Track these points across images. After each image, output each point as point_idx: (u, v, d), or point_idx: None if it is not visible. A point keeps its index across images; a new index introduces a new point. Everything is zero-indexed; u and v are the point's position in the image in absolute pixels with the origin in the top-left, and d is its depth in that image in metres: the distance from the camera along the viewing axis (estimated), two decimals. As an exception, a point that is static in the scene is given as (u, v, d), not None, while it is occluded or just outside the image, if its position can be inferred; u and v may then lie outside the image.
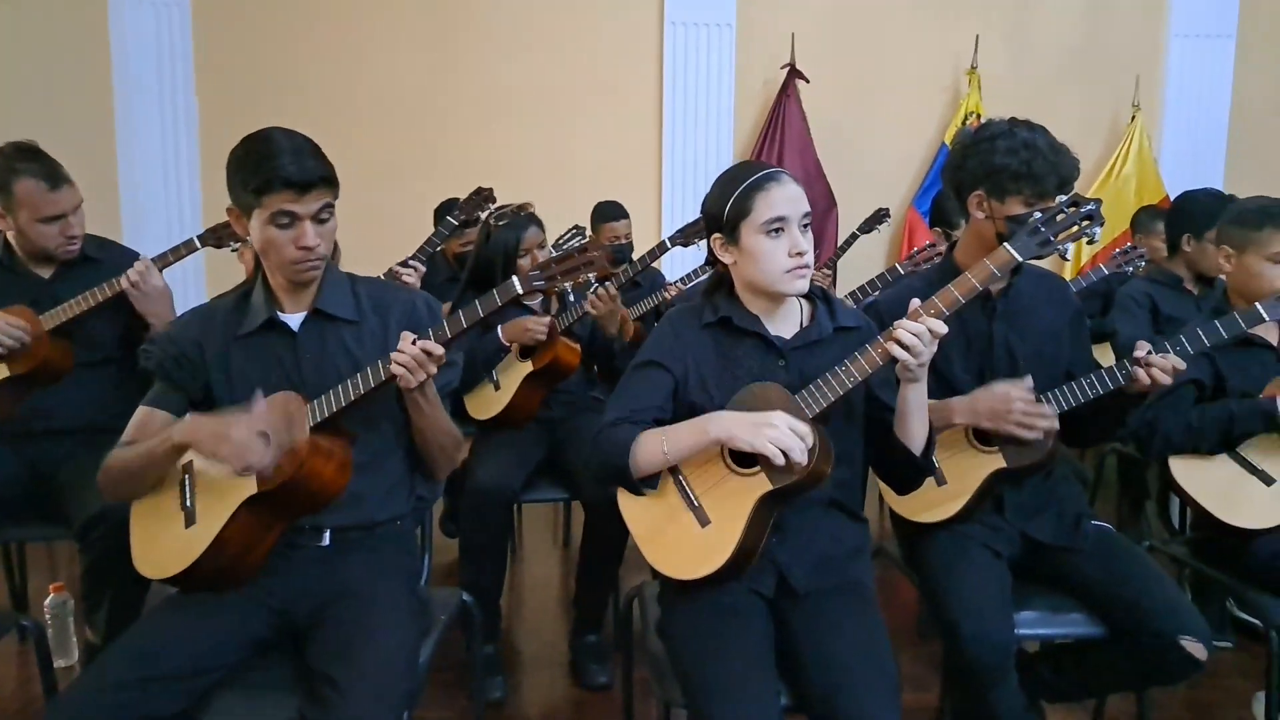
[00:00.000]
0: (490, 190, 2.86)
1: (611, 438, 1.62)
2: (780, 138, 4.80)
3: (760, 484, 1.54)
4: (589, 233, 3.77)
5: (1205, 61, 5.09)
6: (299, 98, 4.60)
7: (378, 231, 3.08)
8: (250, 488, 1.56)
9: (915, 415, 1.59)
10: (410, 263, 2.76)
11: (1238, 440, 2.00)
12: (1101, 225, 1.58)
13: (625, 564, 2.50)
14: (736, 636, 1.54)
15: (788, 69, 4.80)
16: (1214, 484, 2.00)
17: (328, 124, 4.22)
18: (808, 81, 4.81)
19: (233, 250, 2.63)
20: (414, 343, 1.57)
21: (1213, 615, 2.68)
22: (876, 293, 3.14)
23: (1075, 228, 1.58)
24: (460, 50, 4.78)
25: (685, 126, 4.84)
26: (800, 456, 1.46)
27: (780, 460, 1.46)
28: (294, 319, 1.70)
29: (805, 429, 1.48)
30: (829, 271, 3.97)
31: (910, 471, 1.67)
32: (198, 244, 2.42)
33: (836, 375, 1.55)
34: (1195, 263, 3.02)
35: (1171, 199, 4.12)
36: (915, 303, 1.54)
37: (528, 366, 2.55)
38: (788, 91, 4.80)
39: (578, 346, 2.59)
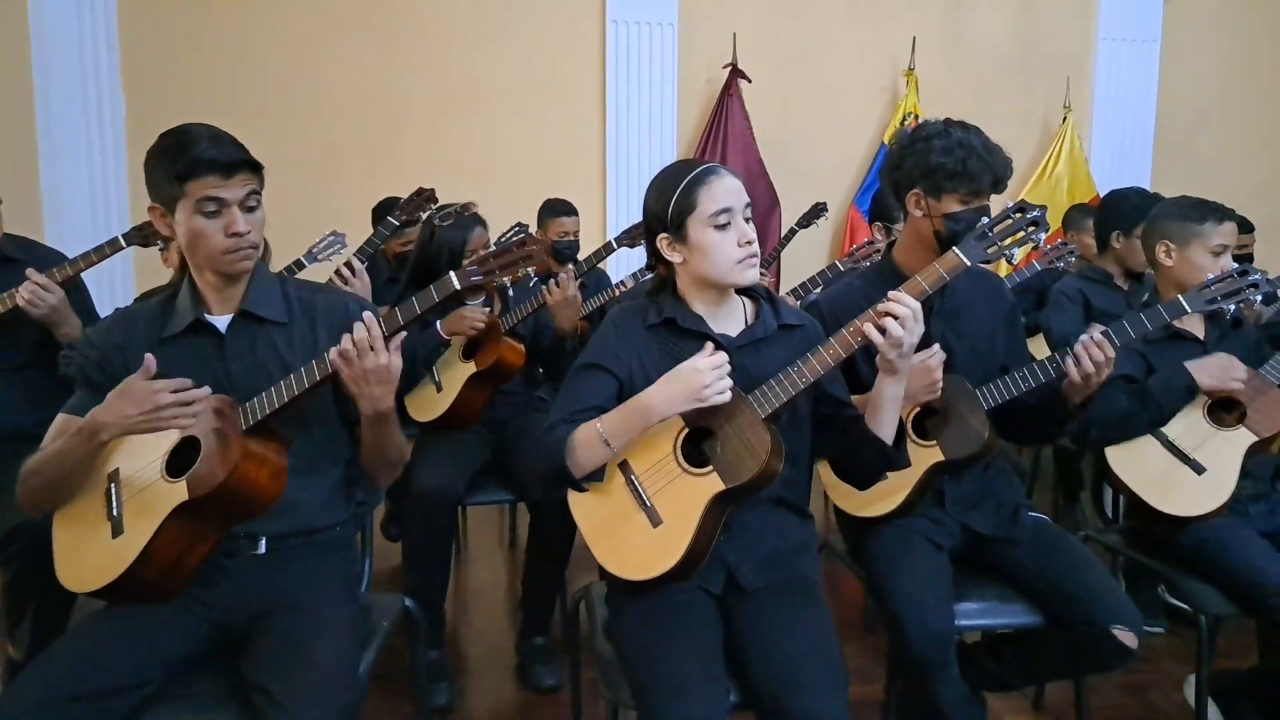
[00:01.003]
0: (432, 190, 2.82)
1: (547, 440, 1.61)
2: (723, 137, 4.83)
3: (713, 483, 1.54)
4: (535, 230, 3.74)
5: (1132, 65, 5.26)
6: (232, 93, 4.47)
7: (314, 231, 3.00)
8: (180, 495, 1.51)
9: (890, 407, 1.61)
10: (350, 262, 2.70)
11: (1168, 416, 2.05)
12: (1046, 231, 1.63)
13: (572, 565, 2.48)
14: (685, 635, 1.54)
15: (730, 69, 4.82)
16: (1148, 473, 2.06)
17: (262, 120, 4.12)
18: (749, 81, 4.84)
19: (160, 249, 2.54)
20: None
21: (1146, 601, 2.77)
22: (817, 289, 3.18)
23: (1021, 233, 1.62)
24: (400, 46, 4.69)
25: (628, 125, 4.83)
26: (728, 380, 1.51)
27: (728, 397, 1.50)
28: (221, 320, 1.64)
29: (718, 356, 1.52)
30: (764, 272, 4.00)
31: (878, 464, 1.68)
32: (123, 243, 2.33)
33: (789, 375, 1.57)
34: (1124, 259, 3.10)
35: (1101, 197, 4.24)
36: (892, 295, 1.55)
37: (471, 367, 2.51)
38: (730, 91, 4.83)
39: (522, 347, 2.57)
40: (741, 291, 1.70)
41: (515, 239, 1.59)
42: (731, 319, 1.68)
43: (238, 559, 1.62)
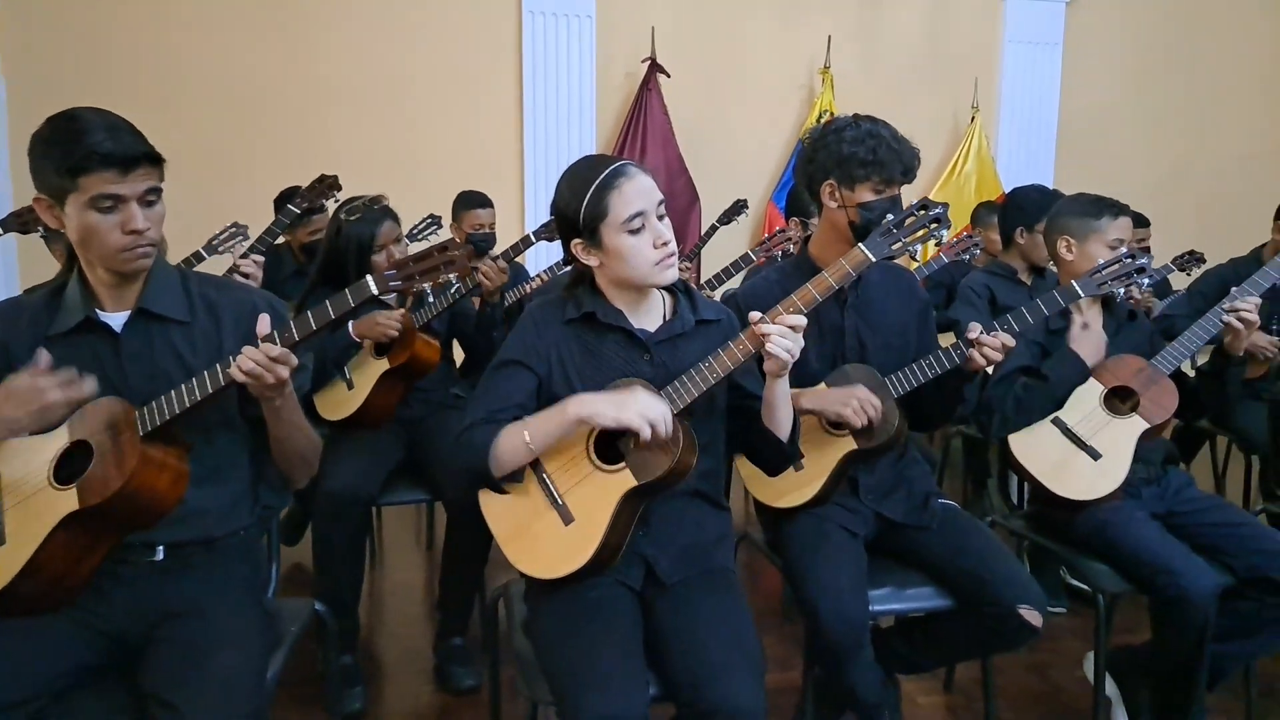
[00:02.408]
0: (334, 178, 2.73)
1: (470, 440, 1.58)
2: (642, 131, 4.83)
3: (625, 480, 1.54)
4: (448, 221, 3.67)
5: (1036, 67, 5.46)
6: (122, 78, 4.26)
7: (213, 223, 2.88)
8: (70, 504, 1.42)
9: (782, 406, 1.63)
10: (249, 255, 2.60)
11: (1064, 398, 2.13)
12: (948, 228, 1.67)
13: (491, 563, 2.44)
14: (603, 630, 1.53)
15: (648, 63, 4.83)
16: (1047, 460, 2.13)
17: (156, 108, 3.93)
18: (668, 76, 4.85)
19: (41, 236, 2.39)
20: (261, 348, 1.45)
21: (1048, 583, 2.88)
22: (731, 278, 3.21)
23: (924, 230, 1.66)
24: (308, 32, 4.55)
25: (547, 118, 4.79)
26: (666, 429, 1.48)
27: (647, 433, 1.47)
28: (116, 318, 1.55)
29: (664, 403, 1.51)
30: (689, 265, 4.02)
31: (779, 456, 1.72)
32: (-1, 229, 2.19)
33: (701, 370, 1.57)
34: (1028, 254, 3.21)
35: (1005, 195, 4.39)
36: (754, 315, 1.56)
37: (384, 364, 2.45)
38: (649, 85, 4.83)
39: (437, 343, 2.51)
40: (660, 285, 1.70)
41: (438, 244, 1.54)
42: (650, 314, 1.68)
43: (133, 566, 1.55)
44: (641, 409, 1.48)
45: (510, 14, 4.75)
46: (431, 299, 2.55)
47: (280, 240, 3.19)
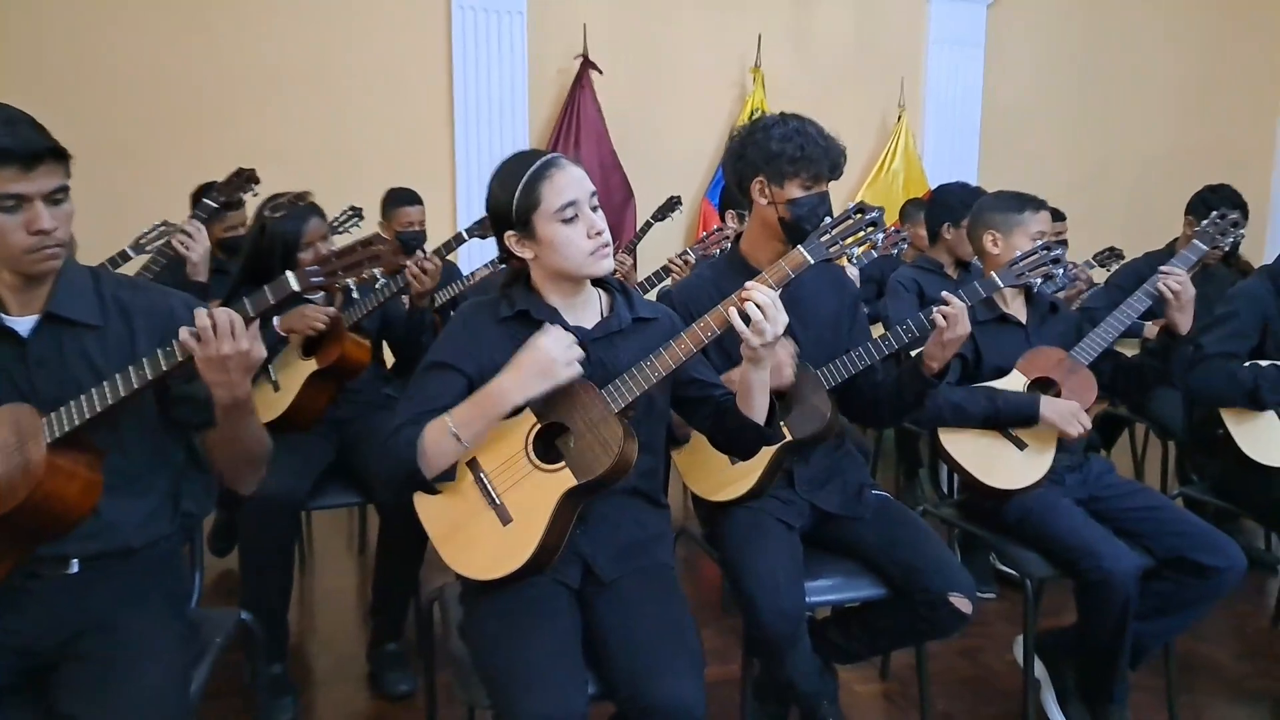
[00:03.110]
0: (252, 171, 2.64)
1: (395, 443, 1.55)
2: (576, 128, 4.81)
3: (565, 479, 1.52)
4: (378, 220, 3.59)
5: (959, 67, 5.60)
6: (24, 70, 4.06)
7: (128, 224, 2.77)
8: (-29, 515, 1.35)
9: (759, 392, 1.61)
10: (189, 223, 2.50)
11: (1002, 426, 2.18)
12: (884, 231, 1.69)
13: (426, 566, 2.40)
14: (541, 629, 1.52)
15: (580, 59, 4.80)
16: (975, 450, 2.19)
17: (64, 101, 3.76)
18: (601, 73, 4.84)
19: None
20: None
21: (978, 569, 2.95)
22: (667, 279, 3.22)
23: (861, 233, 1.68)
24: (227, 22, 4.39)
25: (478, 114, 4.73)
26: (578, 352, 1.51)
27: (580, 371, 1.49)
28: (22, 323, 1.47)
29: (565, 334, 1.52)
30: (628, 258, 4.01)
31: (754, 441, 1.70)
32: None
33: (643, 369, 1.56)
34: (953, 249, 3.28)
35: (931, 192, 4.49)
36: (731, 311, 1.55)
37: (311, 365, 2.37)
38: (582, 82, 4.81)
39: (367, 343, 2.45)
40: (596, 283, 1.68)
41: (363, 239, 1.49)
42: (587, 311, 1.66)
43: (45, 580, 1.47)
44: (562, 361, 1.48)
45: (439, 8, 4.68)
46: (356, 295, 2.45)
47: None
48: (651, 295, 3.13)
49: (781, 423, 1.92)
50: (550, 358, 1.49)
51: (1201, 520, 2.10)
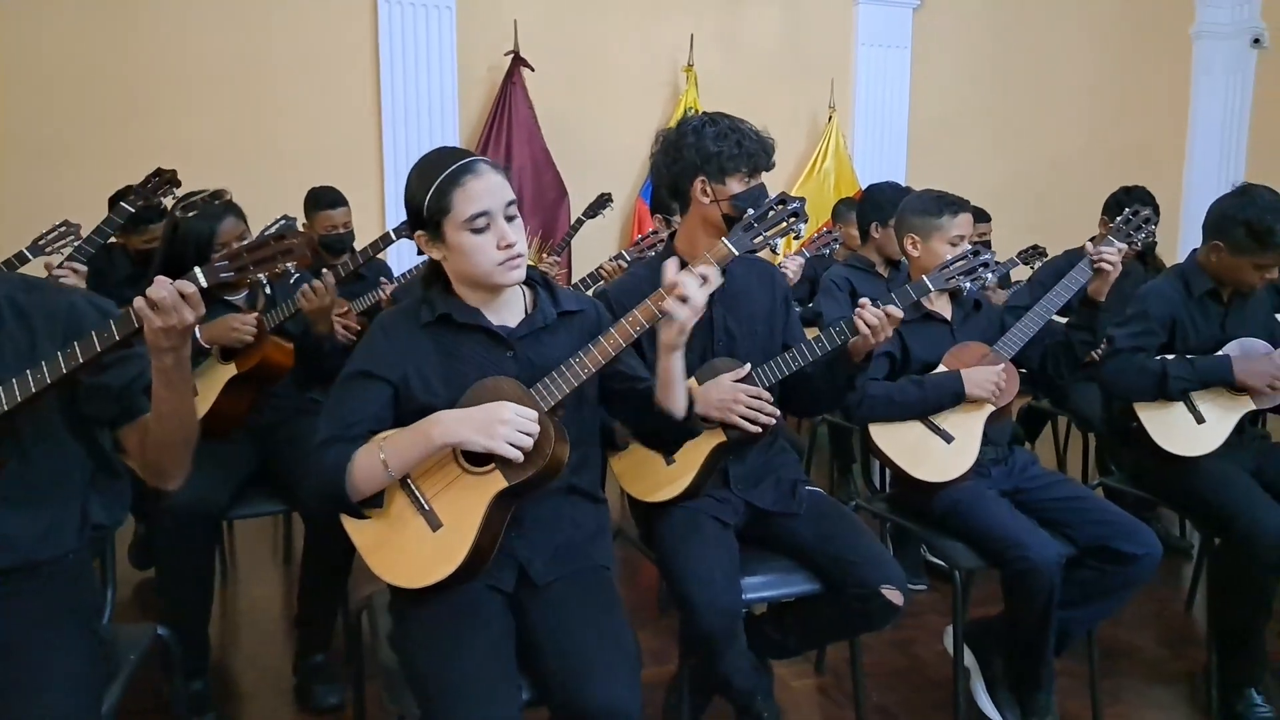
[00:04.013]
0: (173, 172, 2.54)
1: (323, 462, 1.50)
2: (507, 125, 4.75)
3: (495, 481, 1.50)
4: (301, 223, 3.49)
5: (887, 69, 5.70)
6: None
7: (41, 224, 2.64)
8: None
9: (678, 383, 1.61)
10: (68, 264, 2.37)
11: (932, 413, 2.22)
12: (806, 222, 1.71)
13: (354, 574, 2.33)
14: (473, 636, 1.49)
15: (511, 56, 4.75)
16: (904, 444, 2.22)
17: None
18: (532, 70, 4.79)
19: None
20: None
21: (910, 562, 3.00)
22: (603, 281, 3.20)
23: (784, 224, 1.69)
24: (144, 14, 4.22)
25: (406, 111, 4.64)
26: (529, 443, 1.44)
27: (521, 459, 1.44)
28: None
29: (532, 414, 1.46)
30: (558, 260, 3.99)
31: (678, 436, 1.70)
32: None
33: (571, 366, 1.54)
34: (883, 248, 3.34)
35: (862, 192, 4.56)
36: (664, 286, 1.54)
37: (230, 370, 2.29)
38: (513, 79, 4.76)
39: (290, 346, 2.37)
40: None
41: (275, 232, 1.44)
42: (510, 309, 1.63)
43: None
44: (509, 435, 1.43)
45: (365, 2, 4.58)
46: (270, 291, 2.37)
47: (115, 241, 2.96)
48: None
49: (717, 425, 1.93)
50: (502, 420, 1.44)
51: (1120, 509, 2.16)
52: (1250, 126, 6.31)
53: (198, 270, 1.37)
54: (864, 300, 1.92)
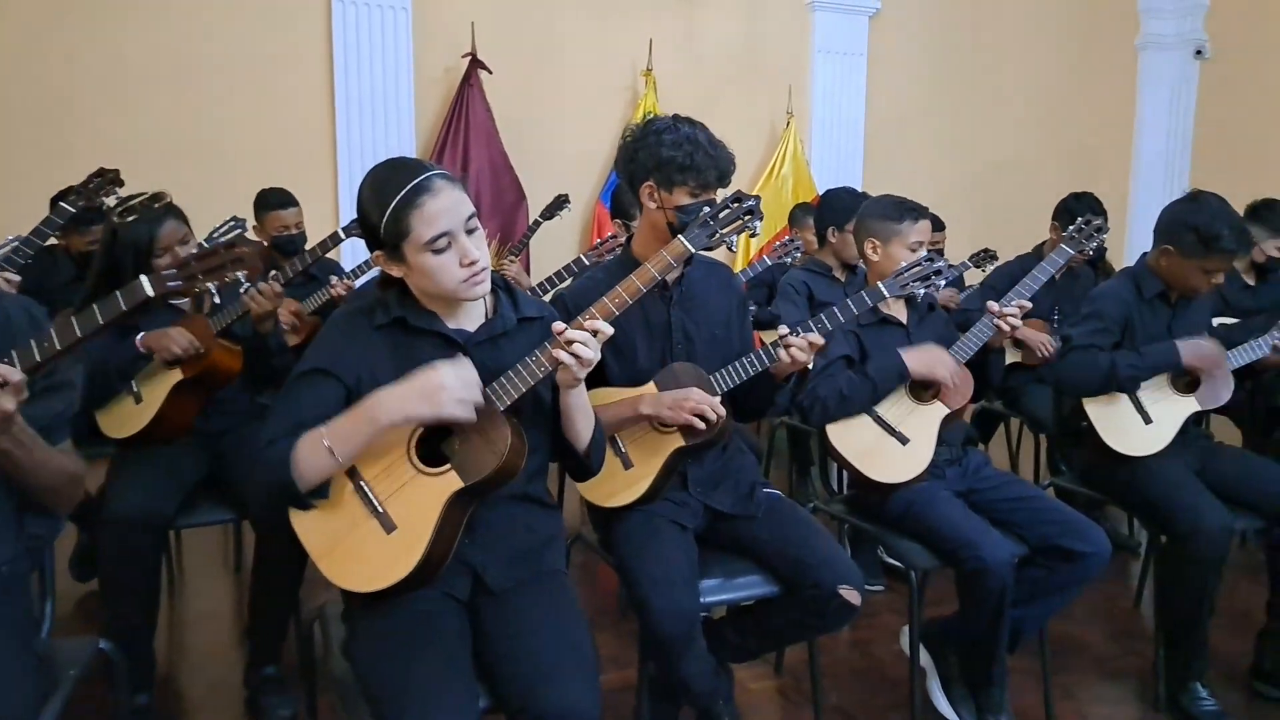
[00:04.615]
0: (115, 172, 2.46)
1: (268, 456, 1.46)
2: (465, 128, 4.71)
3: (451, 482, 1.47)
4: (250, 224, 3.42)
5: (843, 76, 5.76)
6: None
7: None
8: None
9: (580, 414, 1.61)
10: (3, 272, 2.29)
11: (882, 395, 2.24)
12: (761, 219, 1.71)
13: (307, 584, 2.29)
14: (427, 644, 1.46)
15: (469, 58, 4.71)
16: (861, 446, 2.23)
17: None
18: (490, 72, 4.76)
19: None
20: None
21: (867, 563, 3.03)
22: (564, 282, 3.18)
23: (739, 221, 1.69)
24: (84, 12, 4.12)
25: (361, 112, 4.58)
26: (477, 395, 1.43)
27: (472, 416, 1.41)
28: None
29: (470, 371, 1.45)
30: (515, 259, 3.96)
31: (577, 466, 1.71)
32: None
33: (527, 366, 1.52)
34: (840, 252, 3.37)
35: (819, 197, 4.60)
36: (557, 326, 1.53)
37: (176, 375, 2.22)
38: (470, 81, 4.72)
39: (239, 349, 2.32)
40: None
41: (225, 240, 1.40)
42: (469, 314, 1.61)
43: None
44: (455, 394, 1.41)
45: (319, 2, 4.51)
46: (218, 300, 2.31)
47: (57, 243, 2.87)
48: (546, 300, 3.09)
49: (674, 428, 1.92)
50: (441, 384, 1.42)
51: (1070, 509, 2.20)
52: (1194, 134, 6.49)
53: (144, 279, 1.32)
54: (783, 330, 1.94)
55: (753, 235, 1.83)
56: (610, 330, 1.53)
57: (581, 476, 1.78)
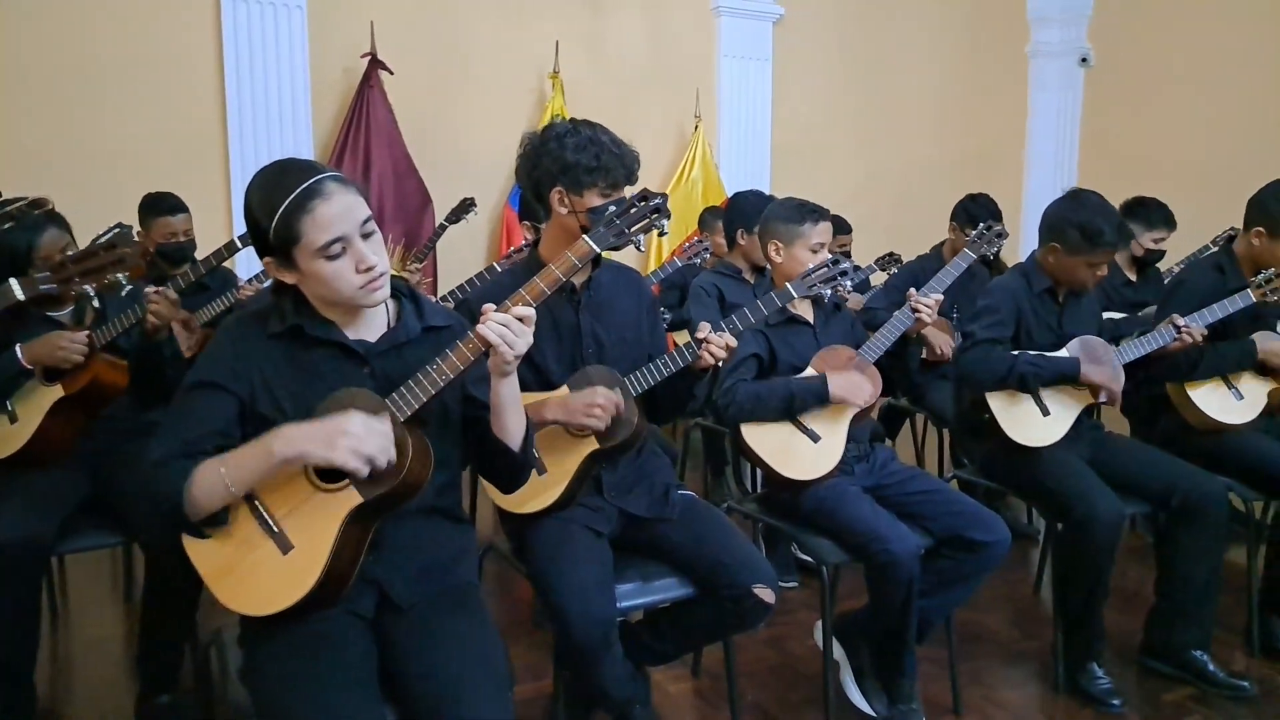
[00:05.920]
0: None
1: (159, 479, 1.39)
2: (365, 129, 4.58)
3: (349, 498, 1.41)
4: (137, 231, 3.24)
5: (749, 80, 5.84)
6: None
7: None
8: None
9: (511, 409, 1.54)
10: None
11: (798, 413, 2.27)
12: (668, 218, 1.70)
13: (203, 608, 2.18)
14: (329, 665, 1.41)
15: (369, 58, 4.59)
16: (774, 444, 2.26)
17: None
18: (391, 73, 4.64)
19: None
20: None
21: (780, 560, 3.07)
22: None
23: (646, 220, 1.68)
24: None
25: (254, 113, 4.41)
26: (385, 459, 1.35)
27: (366, 472, 1.34)
28: None
29: (385, 426, 1.37)
30: (420, 267, 3.88)
31: (512, 468, 1.63)
32: None
33: (428, 374, 1.46)
34: (749, 254, 3.41)
35: (728, 200, 4.65)
36: (489, 307, 1.47)
37: (56, 392, 2.08)
38: (370, 82, 4.59)
39: (124, 363, 2.19)
40: None
41: (105, 241, 1.32)
42: (370, 323, 1.54)
43: None
44: (355, 444, 1.32)
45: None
46: (97, 304, 2.16)
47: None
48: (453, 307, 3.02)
49: (589, 432, 1.90)
50: (345, 430, 1.33)
51: (973, 500, 2.27)
52: (1080, 136, 6.82)
53: (14, 283, 1.23)
54: (704, 326, 1.95)
55: (661, 234, 1.82)
56: (533, 313, 1.47)
57: (513, 484, 1.68)
